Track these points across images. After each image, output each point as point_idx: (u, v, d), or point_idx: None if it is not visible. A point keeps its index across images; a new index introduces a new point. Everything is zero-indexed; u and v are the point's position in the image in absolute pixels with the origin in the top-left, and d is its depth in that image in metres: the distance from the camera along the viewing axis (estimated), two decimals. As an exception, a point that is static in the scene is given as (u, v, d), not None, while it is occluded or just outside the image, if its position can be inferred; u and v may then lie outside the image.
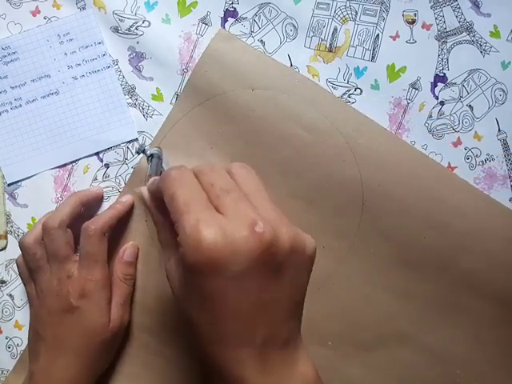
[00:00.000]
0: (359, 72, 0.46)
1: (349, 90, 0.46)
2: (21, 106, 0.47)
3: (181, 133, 0.46)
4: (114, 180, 0.47)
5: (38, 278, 0.43)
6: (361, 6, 0.45)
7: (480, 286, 0.43)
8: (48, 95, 0.47)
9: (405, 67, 0.45)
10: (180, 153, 0.46)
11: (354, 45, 0.46)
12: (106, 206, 0.47)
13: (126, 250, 0.45)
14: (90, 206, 0.47)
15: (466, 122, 0.45)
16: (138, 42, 0.47)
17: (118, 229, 0.46)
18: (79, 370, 0.41)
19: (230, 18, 0.47)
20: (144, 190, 0.36)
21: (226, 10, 0.47)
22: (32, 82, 0.47)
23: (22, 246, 0.43)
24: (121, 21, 0.46)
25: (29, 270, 0.44)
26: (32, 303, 0.44)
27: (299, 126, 0.44)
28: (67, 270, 0.42)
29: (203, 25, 0.47)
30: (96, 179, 0.48)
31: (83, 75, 0.47)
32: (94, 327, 0.42)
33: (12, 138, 0.47)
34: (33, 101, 0.47)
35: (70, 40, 0.47)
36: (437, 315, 0.44)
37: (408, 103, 0.45)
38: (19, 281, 0.48)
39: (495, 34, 0.45)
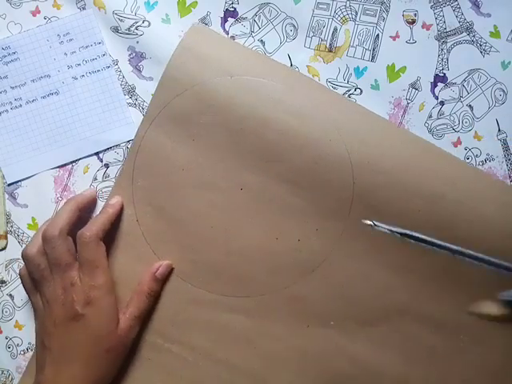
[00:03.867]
0: (359, 72, 0.46)
1: (349, 90, 0.46)
2: (21, 106, 0.47)
3: (161, 128, 0.45)
4: (113, 180, 0.47)
5: (43, 288, 0.42)
6: (361, 6, 0.45)
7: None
8: (48, 95, 0.47)
9: (405, 67, 0.45)
10: (162, 150, 0.45)
11: (354, 45, 0.46)
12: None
13: (161, 267, 0.44)
14: (85, 209, 0.46)
15: (466, 122, 0.45)
16: (137, 42, 0.47)
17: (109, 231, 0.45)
18: (86, 379, 0.41)
19: (230, 18, 0.47)
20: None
21: (226, 9, 0.47)
22: (32, 82, 0.47)
23: (25, 257, 0.43)
24: (121, 21, 0.46)
25: (33, 280, 0.43)
26: (38, 314, 0.44)
27: (281, 110, 0.44)
28: (70, 278, 0.41)
29: (203, 25, 0.47)
30: (96, 179, 0.48)
31: (83, 75, 0.47)
32: (101, 334, 0.41)
33: (12, 138, 0.47)
34: (33, 101, 0.47)
35: (70, 40, 0.47)
36: (437, 285, 0.43)
37: (408, 103, 0.45)
38: (19, 281, 0.47)
39: (495, 34, 0.45)
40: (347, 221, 0.44)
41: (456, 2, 0.45)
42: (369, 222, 0.38)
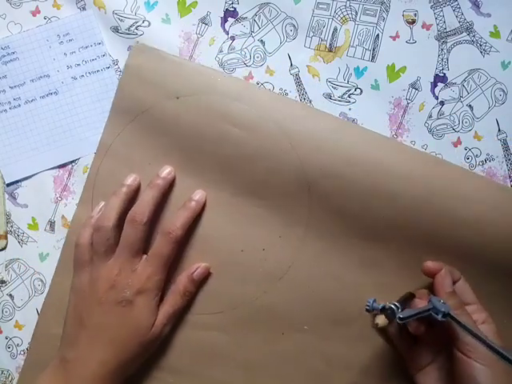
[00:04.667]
0: (359, 72, 0.46)
1: (349, 90, 0.46)
2: (20, 105, 0.47)
3: (116, 156, 0.46)
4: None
5: (99, 263, 0.42)
6: (361, 6, 0.45)
7: (440, 243, 0.43)
8: (47, 95, 0.47)
9: (405, 67, 0.45)
10: (120, 178, 0.45)
11: (354, 45, 0.46)
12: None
13: (199, 268, 0.44)
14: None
15: (466, 122, 0.45)
16: (137, 42, 0.47)
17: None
18: (114, 365, 0.41)
19: (230, 18, 0.47)
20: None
21: (226, 9, 0.47)
22: (31, 82, 0.47)
23: (98, 227, 0.42)
24: (121, 21, 0.46)
25: (93, 252, 0.43)
26: (80, 290, 0.43)
27: (229, 124, 0.44)
28: (135, 264, 0.42)
29: (203, 25, 0.47)
30: (96, 179, 0.48)
31: (82, 75, 0.47)
32: (139, 326, 0.41)
33: (11, 138, 0.47)
34: (32, 101, 0.47)
35: (70, 40, 0.47)
36: (403, 277, 0.44)
37: (408, 103, 0.46)
38: (19, 281, 0.48)
39: (495, 34, 0.45)
40: (308, 225, 0.45)
41: (456, 2, 0.45)
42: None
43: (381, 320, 0.38)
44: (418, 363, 0.42)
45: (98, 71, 0.47)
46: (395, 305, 0.38)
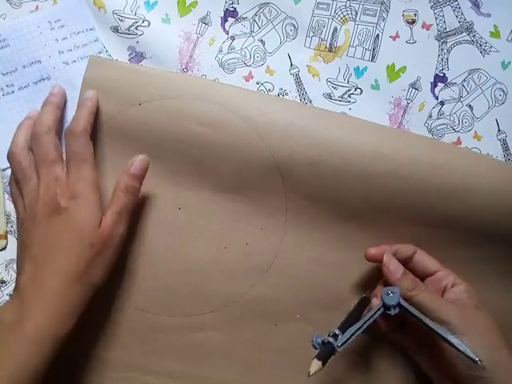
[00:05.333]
0: (359, 72, 0.46)
1: (349, 90, 0.46)
2: (13, 92, 0.47)
3: None
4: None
5: (24, 189, 0.41)
6: (361, 6, 0.46)
7: (416, 215, 0.43)
8: (40, 81, 0.47)
9: (405, 67, 0.46)
10: None
11: (354, 45, 0.46)
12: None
13: (135, 162, 0.42)
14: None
15: (466, 122, 0.45)
16: (137, 42, 0.47)
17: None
18: (69, 273, 0.38)
19: (230, 18, 0.47)
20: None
21: (226, 9, 0.47)
22: (23, 68, 0.47)
23: (9, 156, 0.42)
24: (121, 20, 0.46)
25: (17, 184, 0.42)
26: (19, 220, 0.42)
27: (195, 124, 0.44)
28: (55, 173, 0.40)
29: (203, 24, 0.47)
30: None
31: (74, 60, 0.47)
32: (83, 228, 0.39)
33: (6, 125, 0.47)
34: (25, 87, 0.47)
35: (62, 26, 0.46)
36: None
37: (408, 103, 0.46)
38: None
39: (495, 34, 0.45)
40: (287, 214, 0.45)
41: (456, 2, 0.45)
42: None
43: (313, 367, 0.36)
44: (413, 348, 0.42)
45: (89, 56, 0.47)
46: (334, 334, 0.37)
